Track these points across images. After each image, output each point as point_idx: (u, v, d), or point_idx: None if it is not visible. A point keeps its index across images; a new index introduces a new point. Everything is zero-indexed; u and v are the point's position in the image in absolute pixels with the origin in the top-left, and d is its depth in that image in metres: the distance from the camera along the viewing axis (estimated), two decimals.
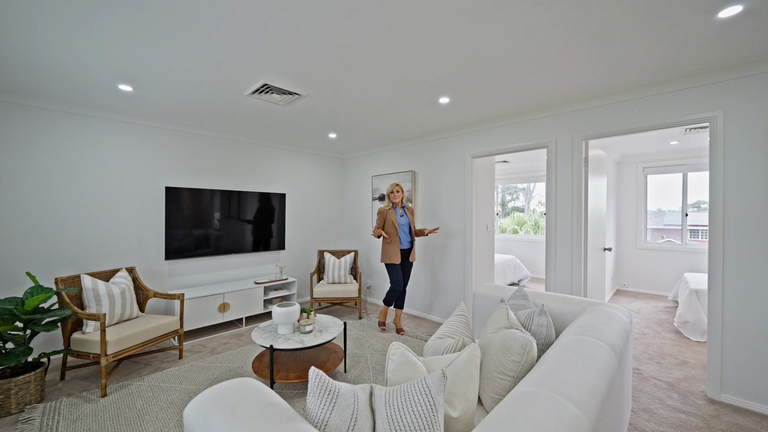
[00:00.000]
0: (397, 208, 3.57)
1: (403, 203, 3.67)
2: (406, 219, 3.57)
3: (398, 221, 3.52)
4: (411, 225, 3.58)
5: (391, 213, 3.51)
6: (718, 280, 2.31)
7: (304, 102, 2.97)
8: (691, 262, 5.12)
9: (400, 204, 3.59)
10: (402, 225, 3.53)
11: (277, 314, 2.43)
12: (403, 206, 3.61)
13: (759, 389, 2.17)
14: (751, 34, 1.85)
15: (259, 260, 4.40)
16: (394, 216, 3.49)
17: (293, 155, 4.78)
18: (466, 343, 1.52)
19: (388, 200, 3.56)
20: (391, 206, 3.54)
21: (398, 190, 3.52)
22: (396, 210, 3.57)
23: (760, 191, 2.17)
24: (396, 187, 3.53)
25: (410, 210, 3.64)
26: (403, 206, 3.62)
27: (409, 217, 3.58)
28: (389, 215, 3.49)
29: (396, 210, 3.57)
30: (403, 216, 3.57)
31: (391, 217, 3.48)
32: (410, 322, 3.98)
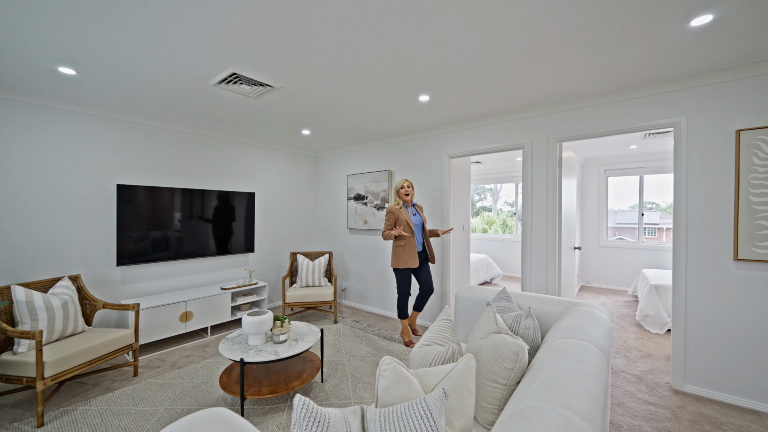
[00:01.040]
0: (408, 207, 3.27)
1: (414, 201, 3.37)
2: (420, 218, 3.27)
3: (412, 221, 3.20)
4: (424, 224, 3.29)
5: (404, 212, 3.18)
6: (682, 278, 2.44)
7: (277, 95, 2.77)
8: (647, 258, 5.48)
9: (411, 202, 3.29)
10: (416, 225, 3.23)
11: (248, 324, 2.23)
12: (413, 204, 3.32)
13: (719, 379, 2.31)
14: (718, 44, 1.94)
15: (226, 264, 4.10)
16: (406, 214, 3.17)
17: (263, 152, 4.52)
18: (456, 351, 1.45)
19: (398, 198, 3.25)
20: (402, 205, 3.22)
21: (409, 186, 3.21)
22: (407, 208, 3.26)
23: (720, 193, 2.31)
24: (406, 183, 3.21)
25: (420, 208, 3.37)
26: (414, 204, 3.32)
27: (422, 216, 3.30)
28: (402, 214, 3.15)
29: (407, 208, 3.26)
30: (416, 215, 3.27)
31: (404, 215, 3.15)
32: (387, 325, 3.90)
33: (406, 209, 3.22)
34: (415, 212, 3.27)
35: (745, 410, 2.19)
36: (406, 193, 3.19)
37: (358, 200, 4.56)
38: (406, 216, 3.16)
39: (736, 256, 2.24)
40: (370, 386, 2.48)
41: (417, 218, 3.25)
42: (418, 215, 3.27)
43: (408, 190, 3.20)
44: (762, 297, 2.18)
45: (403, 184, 3.22)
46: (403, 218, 3.14)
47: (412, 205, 3.29)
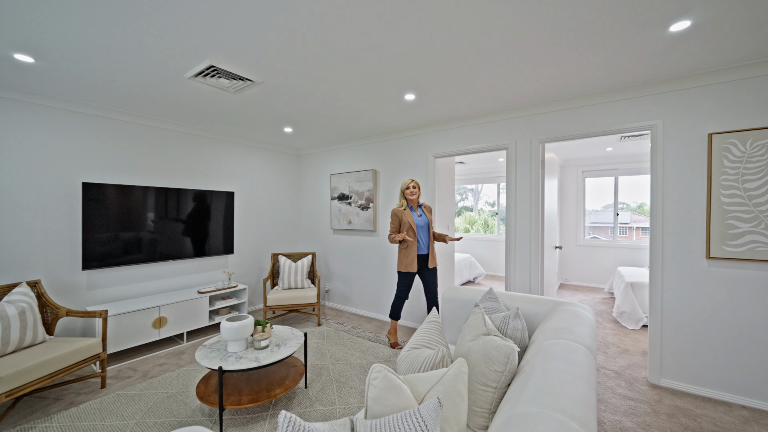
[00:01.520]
0: (414, 208, 3.16)
1: (419, 201, 3.24)
2: (425, 219, 3.14)
3: (416, 222, 3.09)
4: (430, 226, 3.16)
5: (408, 214, 3.08)
6: (658, 276, 2.52)
7: (257, 90, 2.66)
8: (622, 256, 5.69)
9: (417, 203, 3.18)
10: (421, 227, 3.11)
11: (227, 330, 2.12)
12: (420, 205, 3.20)
13: (693, 373, 2.40)
14: (694, 50, 2.01)
15: (204, 266, 3.93)
16: (411, 217, 3.07)
17: (243, 150, 4.36)
18: (445, 355, 1.42)
19: (403, 199, 3.14)
20: (406, 206, 3.12)
21: (415, 186, 3.10)
22: (413, 210, 3.15)
23: (694, 194, 2.40)
24: (412, 183, 3.11)
25: (428, 209, 3.22)
26: (420, 205, 3.20)
27: (428, 217, 3.16)
28: (405, 216, 3.06)
29: (413, 210, 3.15)
30: (422, 216, 3.14)
31: (408, 218, 3.05)
32: (372, 326, 3.84)
33: (410, 210, 3.13)
34: (421, 213, 3.16)
35: (717, 402, 2.29)
36: (412, 194, 3.09)
37: (342, 200, 4.48)
38: (410, 218, 3.06)
39: (709, 254, 2.33)
40: (356, 390, 2.42)
41: (422, 219, 3.14)
42: (423, 216, 3.16)
43: (414, 190, 3.10)
44: (732, 293, 2.28)
45: (408, 184, 3.12)
46: (406, 220, 3.05)
47: (419, 206, 3.19)
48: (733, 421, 2.08)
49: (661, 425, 2.05)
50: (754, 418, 2.11)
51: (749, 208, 2.21)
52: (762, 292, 2.19)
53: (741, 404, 2.25)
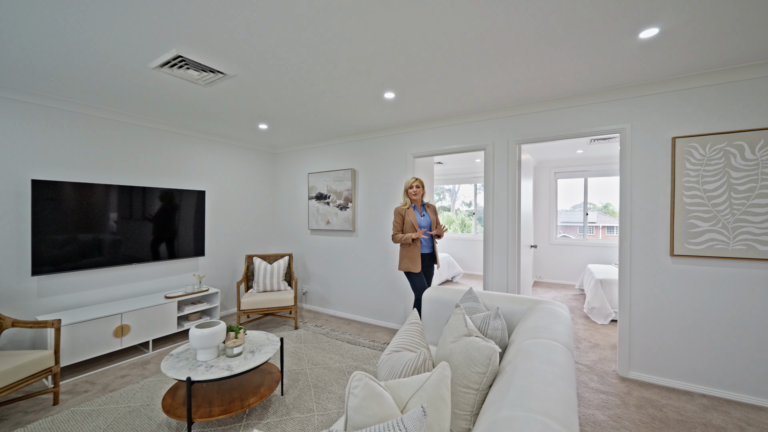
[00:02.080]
0: (417, 207, 3.05)
1: (423, 201, 3.11)
2: (428, 219, 3.04)
3: (419, 222, 2.99)
4: (433, 226, 3.04)
5: (411, 213, 2.97)
6: (627, 273, 2.63)
7: (230, 84, 2.53)
8: (592, 254, 5.94)
9: (420, 202, 3.06)
10: (423, 227, 3.00)
11: (196, 338, 1.99)
12: (423, 204, 3.09)
13: (658, 365, 2.52)
14: (661, 57, 2.10)
15: (172, 269, 3.71)
16: (413, 215, 2.96)
17: (215, 147, 4.16)
18: (427, 358, 1.39)
19: (406, 198, 3.03)
20: (410, 205, 3.01)
21: (419, 186, 2.98)
22: (416, 209, 3.04)
23: (659, 195, 2.52)
24: (416, 182, 2.99)
25: (432, 208, 3.12)
26: (423, 204, 3.10)
27: (431, 218, 3.06)
28: (408, 215, 2.96)
29: (416, 209, 3.04)
30: (425, 216, 3.04)
31: (411, 217, 2.95)
32: (351, 328, 3.78)
33: (414, 210, 3.02)
34: (424, 213, 3.06)
35: (680, 392, 2.41)
36: (415, 194, 2.98)
37: (320, 200, 4.38)
38: (413, 218, 2.96)
39: (673, 251, 2.46)
40: (335, 395, 2.35)
41: (425, 219, 3.03)
42: (427, 216, 3.05)
43: (417, 190, 2.98)
44: (694, 289, 2.41)
45: (411, 183, 3.00)
46: (409, 220, 2.95)
47: (423, 205, 3.09)
48: (695, 410, 2.20)
49: (630, 417, 2.13)
50: (713, 405, 2.24)
51: (708, 208, 2.34)
52: (719, 287, 2.34)
53: (701, 393, 2.38)
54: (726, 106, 2.29)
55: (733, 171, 2.27)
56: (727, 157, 2.28)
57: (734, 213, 2.27)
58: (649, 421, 2.09)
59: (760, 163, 2.20)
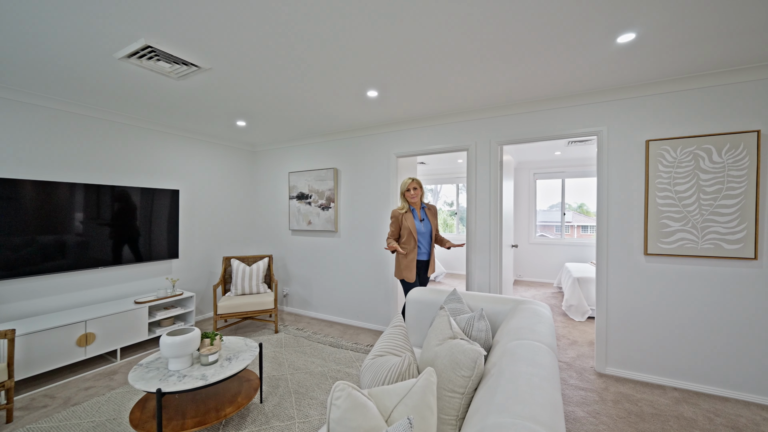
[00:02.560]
0: (416, 211, 2.84)
1: (423, 203, 2.90)
2: (428, 225, 2.84)
3: (417, 228, 2.78)
4: (433, 231, 2.84)
5: (408, 218, 2.76)
6: (604, 271, 2.70)
7: (205, 77, 2.41)
8: (569, 253, 6.12)
9: (420, 205, 2.86)
10: (422, 233, 2.80)
11: (167, 346, 1.88)
12: (423, 206, 2.88)
13: (633, 360, 2.61)
14: (637, 62, 2.16)
15: (144, 273, 3.51)
16: (411, 221, 2.76)
17: (190, 144, 3.97)
18: (411, 362, 1.36)
19: (404, 201, 2.82)
20: (408, 208, 2.81)
21: (416, 187, 2.77)
22: (414, 213, 2.83)
23: (634, 196, 2.60)
24: (413, 184, 2.77)
25: (432, 211, 2.91)
26: (423, 207, 2.89)
27: (431, 222, 2.85)
28: (406, 220, 2.76)
29: (414, 213, 2.83)
30: (424, 220, 2.83)
31: (408, 222, 2.75)
32: (334, 331, 3.71)
33: (412, 213, 2.82)
34: (423, 217, 2.85)
35: (653, 386, 2.50)
36: (413, 197, 2.77)
37: (301, 199, 4.28)
38: (411, 223, 2.75)
39: (646, 250, 2.54)
40: (317, 401, 2.28)
41: (425, 225, 2.83)
42: (426, 221, 2.85)
43: (415, 192, 2.77)
44: (666, 286, 2.50)
45: (408, 185, 2.78)
46: (406, 225, 2.75)
47: (422, 208, 2.88)
48: (668, 403, 2.29)
49: (608, 412, 2.19)
50: (684, 398, 2.34)
51: (679, 209, 2.44)
52: (689, 285, 2.44)
53: (673, 386, 2.48)
54: (696, 111, 2.39)
55: (702, 173, 2.37)
56: (697, 160, 2.38)
57: (703, 213, 2.37)
58: (625, 416, 2.15)
59: (726, 166, 2.31)
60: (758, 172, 2.23)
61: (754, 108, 2.25)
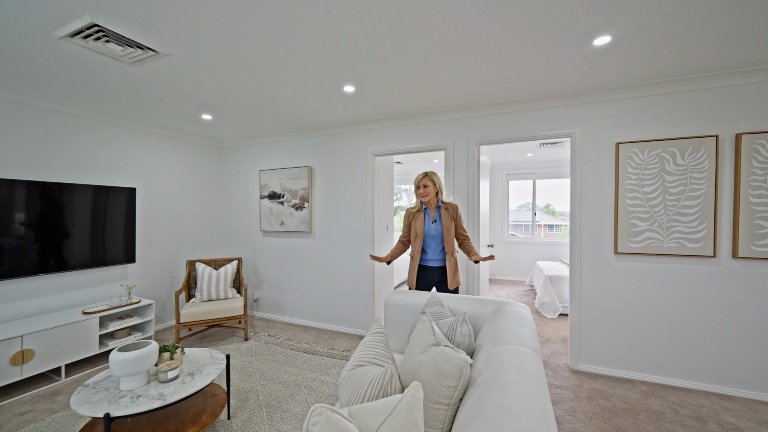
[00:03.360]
0: (429, 210, 2.47)
1: (439, 201, 2.46)
2: (440, 227, 2.42)
3: (426, 230, 2.44)
4: (445, 235, 2.40)
5: (419, 218, 2.45)
6: (577, 270, 2.76)
7: (164, 64, 2.19)
8: (539, 252, 6.32)
9: (434, 204, 2.44)
10: (432, 236, 2.43)
11: (118, 363, 1.67)
12: (438, 206, 2.45)
13: (604, 356, 2.68)
14: (611, 65, 2.21)
15: (95, 279, 3.17)
16: (421, 222, 2.44)
17: (149, 138, 3.65)
18: (394, 374, 1.27)
19: (417, 199, 2.49)
20: (420, 207, 2.48)
21: (427, 184, 2.39)
22: (427, 213, 2.48)
23: (604, 196, 2.67)
24: (423, 180, 2.40)
25: (450, 212, 2.42)
26: (439, 206, 2.45)
27: (444, 224, 2.40)
28: (415, 220, 2.47)
29: (427, 213, 2.48)
30: (436, 222, 2.43)
31: (417, 223, 2.45)
32: (308, 336, 3.55)
33: (425, 214, 2.48)
34: (436, 218, 2.44)
35: (623, 380, 2.58)
36: (424, 195, 2.40)
37: (273, 199, 4.07)
38: (419, 223, 2.44)
39: (616, 249, 2.62)
40: (291, 414, 2.14)
41: (436, 227, 2.43)
42: (439, 222, 2.42)
43: (426, 190, 2.39)
44: (634, 284, 2.59)
45: (418, 181, 2.43)
46: (415, 225, 2.46)
47: (438, 207, 2.46)
48: (637, 396, 2.36)
49: (583, 409, 2.22)
50: (651, 391, 2.43)
51: (646, 209, 2.53)
52: (655, 281, 2.54)
53: (641, 380, 2.57)
54: (662, 115, 2.49)
55: (667, 175, 2.47)
56: (662, 163, 2.48)
57: (668, 213, 2.48)
58: (599, 412, 2.19)
59: (689, 169, 2.42)
60: (717, 174, 2.36)
61: (713, 114, 2.37)
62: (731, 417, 2.12)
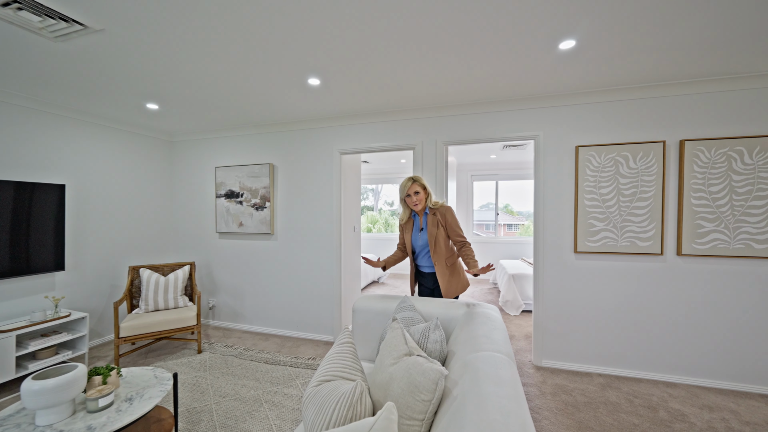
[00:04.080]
0: (419, 218, 2.29)
1: (428, 206, 2.24)
2: (425, 237, 2.24)
3: (413, 241, 2.29)
4: (433, 244, 2.19)
5: (408, 228, 2.31)
6: (541, 269, 2.84)
7: (96, 42, 1.90)
8: (501, 251, 6.53)
9: (423, 210, 2.26)
10: (419, 245, 2.27)
11: (32, 394, 1.39)
12: (426, 212, 2.26)
13: (565, 351, 2.78)
14: (575, 71, 2.27)
15: (14, 291, 2.72)
16: (409, 232, 2.30)
17: (83, 129, 3.21)
18: (364, 390, 1.17)
19: (405, 207, 2.31)
20: (409, 216, 2.31)
21: (417, 191, 2.19)
22: (416, 220, 2.30)
23: (565, 197, 2.76)
24: (413, 187, 2.19)
25: (438, 216, 2.21)
26: (427, 212, 2.25)
27: (429, 232, 2.20)
28: (405, 231, 2.33)
29: (416, 220, 2.30)
30: (423, 230, 2.25)
31: (407, 234, 2.32)
32: (270, 345, 3.33)
33: (414, 220, 2.32)
34: (424, 225, 2.25)
35: (582, 374, 2.69)
36: (415, 203, 2.21)
37: (231, 198, 3.78)
38: (408, 234, 2.31)
39: (576, 249, 2.73)
40: None
41: (422, 235, 2.25)
42: (425, 230, 2.25)
43: (416, 198, 2.19)
44: (592, 281, 2.71)
45: (406, 188, 2.21)
46: (405, 237, 2.34)
47: (426, 213, 2.26)
48: (595, 389, 2.46)
49: (548, 406, 2.27)
50: (608, 383, 2.55)
51: (603, 210, 2.66)
52: (610, 278, 2.67)
53: (598, 373, 2.70)
54: (618, 120, 2.63)
55: (621, 177, 2.61)
56: (617, 166, 2.62)
57: (622, 214, 2.62)
58: (563, 408, 2.24)
59: (640, 172, 2.57)
60: (664, 178, 2.53)
61: (661, 121, 2.54)
62: (677, 404, 2.27)
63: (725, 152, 2.40)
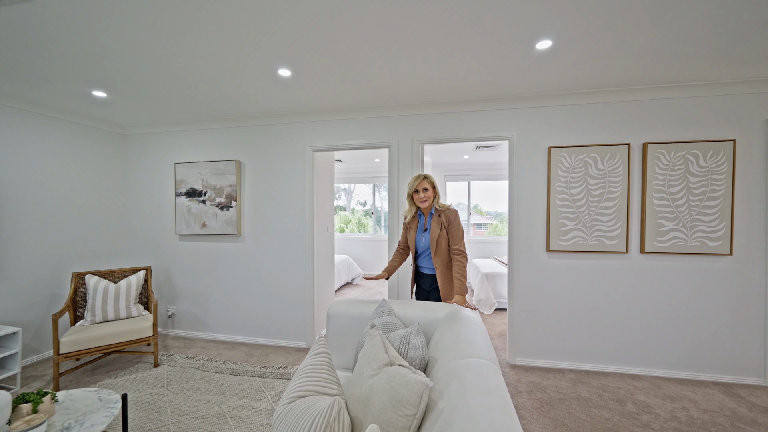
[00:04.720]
0: (424, 218, 2.22)
1: (435, 207, 2.18)
2: (428, 239, 2.18)
3: (416, 241, 2.23)
4: (438, 244, 2.11)
5: (412, 226, 2.24)
6: (515, 268, 2.87)
7: (21, 11, 1.64)
8: (474, 250, 6.64)
9: (429, 210, 2.19)
10: (421, 246, 2.22)
11: None
12: (432, 213, 2.19)
13: (539, 348, 2.83)
14: (550, 72, 2.29)
15: None
16: (414, 232, 2.23)
17: (14, 118, 2.82)
18: (342, 407, 1.06)
19: (411, 204, 2.23)
20: (414, 213, 2.24)
21: (426, 188, 2.12)
22: (421, 220, 2.24)
23: (538, 197, 2.81)
24: (422, 184, 2.13)
25: (442, 219, 2.13)
26: (432, 213, 2.19)
27: (432, 234, 2.12)
28: (409, 229, 2.26)
29: (421, 220, 2.24)
30: (427, 231, 2.19)
31: (410, 233, 2.25)
32: (236, 354, 3.11)
33: (419, 220, 2.24)
34: (428, 225, 2.18)
35: (555, 371, 2.74)
36: (423, 200, 2.14)
37: (192, 197, 3.50)
38: (412, 233, 2.24)
39: (548, 248, 2.78)
40: None
41: (426, 236, 2.18)
42: (429, 231, 2.17)
43: (425, 195, 2.12)
44: (562, 280, 2.78)
45: (415, 185, 2.14)
46: (408, 235, 2.27)
47: (431, 214, 2.19)
48: (568, 385, 2.52)
49: (524, 405, 2.28)
50: (579, 378, 2.62)
51: (573, 210, 2.73)
52: (581, 276, 2.75)
53: (569, 368, 2.77)
54: (587, 122, 2.71)
55: (590, 178, 2.69)
56: (586, 167, 2.70)
57: (591, 213, 2.70)
58: (539, 406, 2.26)
59: (607, 173, 2.67)
60: (629, 179, 2.64)
61: (627, 124, 2.65)
62: (642, 395, 2.37)
63: (683, 155, 2.54)
